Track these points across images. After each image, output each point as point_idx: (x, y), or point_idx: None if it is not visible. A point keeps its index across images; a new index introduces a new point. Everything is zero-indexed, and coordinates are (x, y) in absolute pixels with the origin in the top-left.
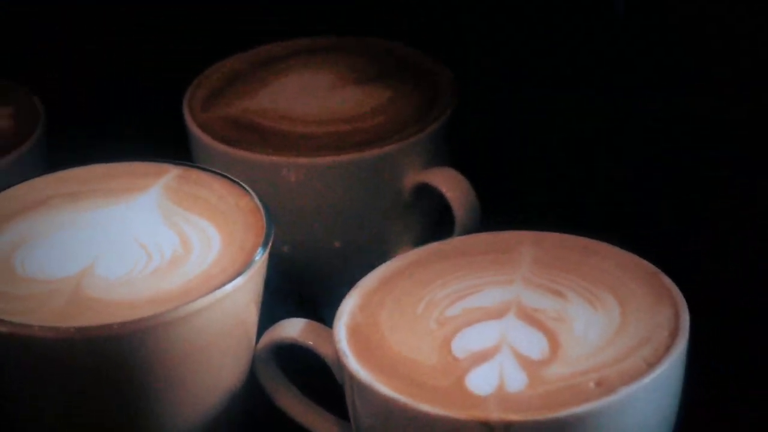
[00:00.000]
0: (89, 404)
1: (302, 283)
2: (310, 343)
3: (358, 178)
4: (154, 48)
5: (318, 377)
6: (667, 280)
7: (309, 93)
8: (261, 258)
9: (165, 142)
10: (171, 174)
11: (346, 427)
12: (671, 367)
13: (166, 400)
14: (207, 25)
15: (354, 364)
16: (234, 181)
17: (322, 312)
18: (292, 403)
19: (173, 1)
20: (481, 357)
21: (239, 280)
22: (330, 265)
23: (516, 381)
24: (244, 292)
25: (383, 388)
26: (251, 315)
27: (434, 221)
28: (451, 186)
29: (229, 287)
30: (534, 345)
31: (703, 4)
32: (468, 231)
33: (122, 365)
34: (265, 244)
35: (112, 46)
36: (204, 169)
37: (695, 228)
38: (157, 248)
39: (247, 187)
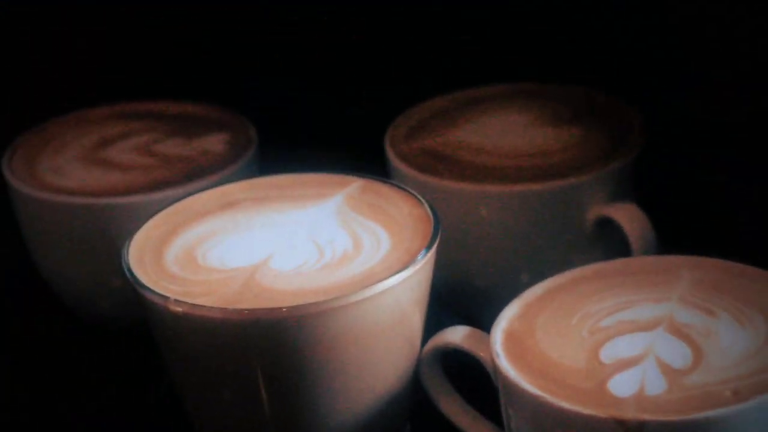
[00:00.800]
0: (254, 387)
1: (474, 308)
2: (471, 347)
3: (542, 208)
4: (359, 85)
5: (481, 387)
6: None
7: (505, 130)
8: (425, 257)
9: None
10: (355, 185)
11: None
12: None
13: (326, 389)
14: (409, 65)
15: (505, 364)
16: (410, 193)
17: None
18: (453, 408)
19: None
20: (627, 363)
21: (401, 275)
22: (506, 293)
23: (656, 386)
24: (406, 288)
25: (529, 386)
26: (415, 315)
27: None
28: (631, 220)
29: (391, 281)
30: (678, 355)
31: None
32: None
33: (287, 350)
34: (429, 246)
35: (322, 81)
36: (385, 182)
37: None
38: (329, 246)
39: (421, 198)
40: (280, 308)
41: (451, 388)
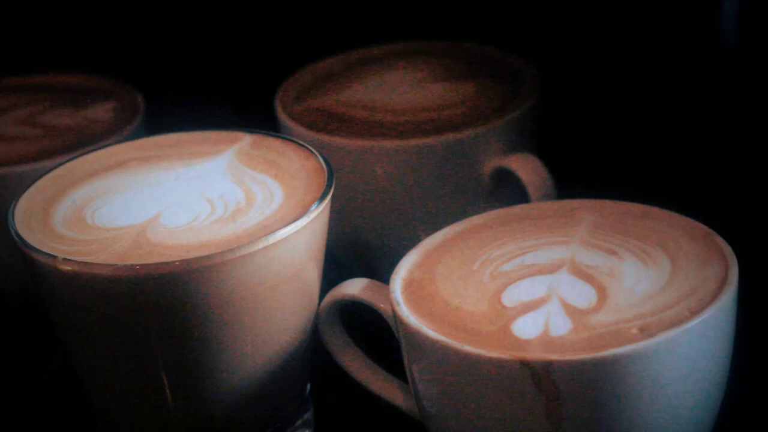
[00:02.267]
0: (148, 345)
1: (372, 262)
2: (369, 299)
3: (440, 162)
4: (247, 48)
5: (382, 341)
6: (720, 240)
7: (395, 88)
8: (318, 208)
9: None
10: (244, 141)
11: (405, 388)
12: (715, 316)
13: (222, 345)
14: (300, 26)
15: (405, 311)
16: (302, 145)
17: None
18: (353, 362)
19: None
20: (530, 306)
21: (294, 226)
22: (405, 248)
23: (561, 327)
24: (300, 240)
25: (431, 332)
26: (310, 268)
27: None
28: (528, 170)
29: (284, 231)
30: (582, 296)
31: None
32: None
33: (181, 304)
34: (323, 197)
35: (209, 45)
36: (277, 136)
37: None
38: (221, 202)
39: (314, 150)
40: (172, 262)
41: (351, 342)
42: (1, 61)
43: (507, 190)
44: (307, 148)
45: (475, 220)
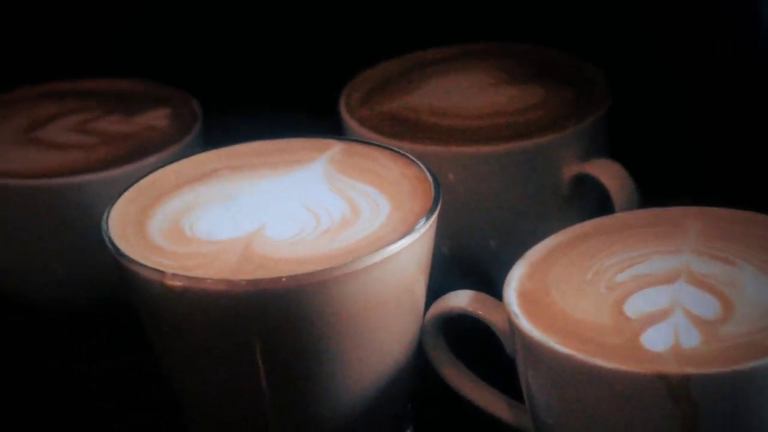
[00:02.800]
0: (252, 361)
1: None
2: (479, 312)
3: (518, 168)
4: (305, 53)
5: (482, 354)
6: None
7: (463, 92)
8: (430, 220)
9: None
10: (335, 148)
11: (514, 403)
12: None
13: (330, 360)
14: (359, 31)
15: (526, 324)
16: (398, 152)
17: None
18: (459, 377)
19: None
20: (655, 317)
21: (406, 240)
22: (486, 262)
23: (691, 339)
24: (411, 255)
25: (557, 345)
26: (418, 284)
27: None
28: (612, 175)
29: (395, 247)
30: (707, 306)
31: None
32: None
33: (294, 319)
34: (434, 207)
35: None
36: (367, 143)
37: None
38: (325, 213)
39: (413, 157)
40: (284, 277)
41: (454, 357)
42: (44, 64)
43: (583, 199)
44: (404, 155)
45: (575, 230)
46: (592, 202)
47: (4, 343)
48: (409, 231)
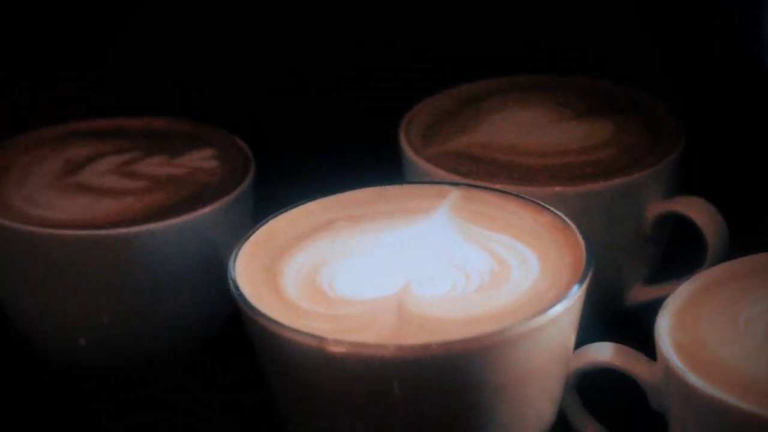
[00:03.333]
0: (420, 423)
1: None
2: (626, 365)
3: (602, 207)
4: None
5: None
6: None
7: (528, 127)
8: (589, 274)
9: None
10: (453, 194)
11: None
12: None
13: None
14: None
15: (691, 378)
16: (524, 198)
17: None
18: None
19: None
20: None
21: (571, 298)
22: None
23: None
24: (572, 311)
25: (731, 399)
26: (572, 339)
27: (665, 256)
28: (702, 213)
29: (564, 304)
30: None
31: None
32: (719, 258)
33: (463, 383)
34: (590, 260)
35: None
36: (482, 188)
37: None
38: (470, 266)
39: (542, 203)
40: (467, 339)
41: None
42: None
43: (662, 238)
44: (533, 201)
45: (710, 275)
46: (666, 242)
47: (35, 403)
48: (568, 287)
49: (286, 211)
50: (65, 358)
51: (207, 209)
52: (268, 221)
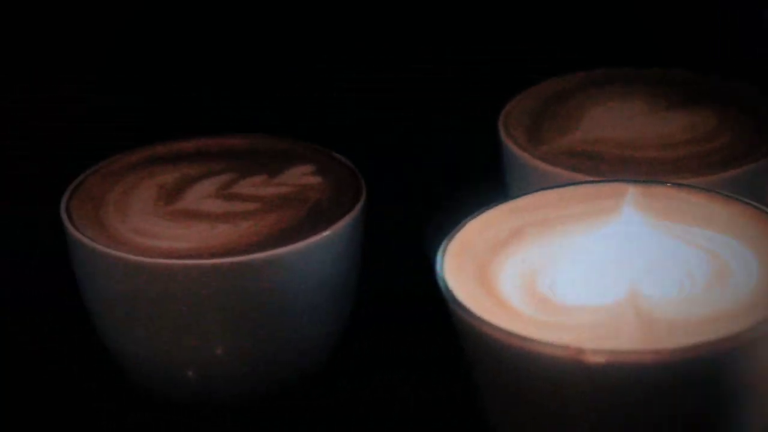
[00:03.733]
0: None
1: None
2: None
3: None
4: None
5: None
6: None
7: (627, 120)
8: None
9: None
10: (632, 191)
11: None
12: None
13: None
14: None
15: None
16: (707, 190)
17: None
18: None
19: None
20: None
21: None
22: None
23: None
24: None
25: None
26: None
27: None
28: None
29: None
30: None
31: None
32: None
33: (713, 385)
34: None
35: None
36: (656, 183)
37: None
38: (689, 265)
39: (726, 193)
40: (715, 340)
41: None
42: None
43: None
44: (718, 192)
45: None
46: None
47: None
48: None
49: (475, 216)
50: (170, 394)
51: (332, 228)
52: (457, 229)
